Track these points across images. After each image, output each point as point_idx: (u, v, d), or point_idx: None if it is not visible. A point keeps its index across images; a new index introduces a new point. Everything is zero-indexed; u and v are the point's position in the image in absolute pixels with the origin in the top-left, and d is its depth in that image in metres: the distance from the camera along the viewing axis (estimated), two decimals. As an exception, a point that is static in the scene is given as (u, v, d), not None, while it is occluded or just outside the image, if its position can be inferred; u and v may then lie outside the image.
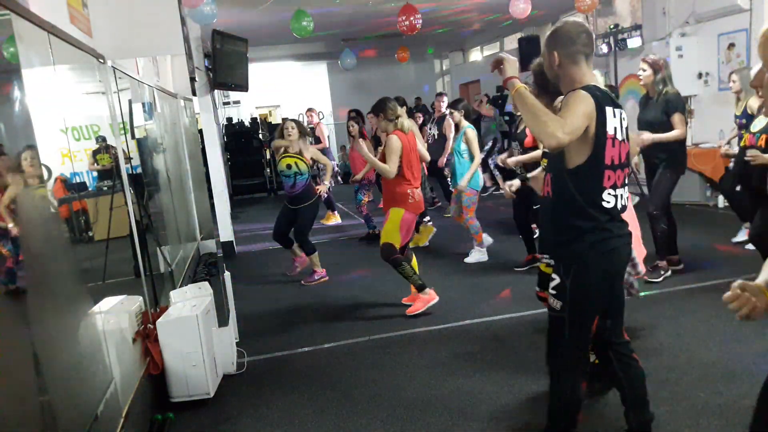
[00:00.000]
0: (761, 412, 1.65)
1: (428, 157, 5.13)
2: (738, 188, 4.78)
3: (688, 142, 7.88)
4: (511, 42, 13.30)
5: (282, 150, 5.66)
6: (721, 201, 7.11)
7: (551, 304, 2.29)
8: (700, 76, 7.78)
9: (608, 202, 2.21)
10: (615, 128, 2.19)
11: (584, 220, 2.21)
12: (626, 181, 2.30)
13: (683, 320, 3.97)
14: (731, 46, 7.34)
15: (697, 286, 4.56)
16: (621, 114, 2.24)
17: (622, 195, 2.26)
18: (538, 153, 3.75)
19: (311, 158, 5.68)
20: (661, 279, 4.69)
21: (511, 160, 4.42)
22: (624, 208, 2.29)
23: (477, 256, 5.95)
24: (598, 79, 3.95)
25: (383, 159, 4.51)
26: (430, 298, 4.57)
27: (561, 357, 2.34)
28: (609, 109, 2.18)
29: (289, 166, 5.58)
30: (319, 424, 3.12)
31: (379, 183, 6.71)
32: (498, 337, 4.01)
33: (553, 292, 2.28)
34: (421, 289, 4.56)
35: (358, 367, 3.76)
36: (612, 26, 9.14)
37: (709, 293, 4.38)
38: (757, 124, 4.37)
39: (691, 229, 6.09)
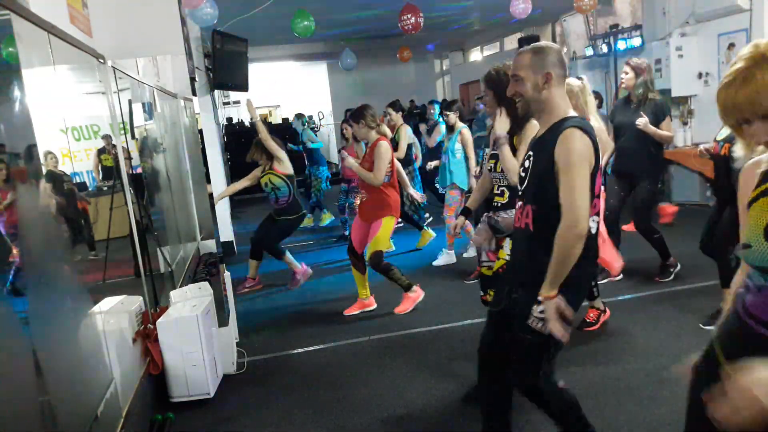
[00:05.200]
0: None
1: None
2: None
3: (688, 142, 7.91)
4: (511, 42, 13.30)
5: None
6: (721, 201, 7.11)
7: (537, 328, 2.18)
8: (700, 76, 7.78)
9: (593, 228, 2.18)
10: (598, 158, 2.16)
11: (588, 245, 2.15)
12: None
13: (683, 320, 3.97)
14: (731, 46, 7.34)
15: (697, 287, 4.56)
16: None
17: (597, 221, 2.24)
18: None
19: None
20: (671, 277, 4.78)
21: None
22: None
23: (445, 258, 5.99)
24: (574, 84, 3.86)
25: (371, 167, 4.45)
26: (417, 295, 4.70)
27: (541, 374, 2.29)
28: (596, 141, 2.13)
29: (265, 184, 5.43)
30: (319, 424, 3.12)
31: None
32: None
33: (541, 316, 2.16)
34: (408, 288, 4.66)
35: (358, 367, 3.76)
36: (612, 26, 9.14)
37: (709, 293, 4.38)
38: (722, 132, 3.96)
39: (690, 229, 6.08)
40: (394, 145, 5.95)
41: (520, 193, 2.32)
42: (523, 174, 2.32)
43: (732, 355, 1.47)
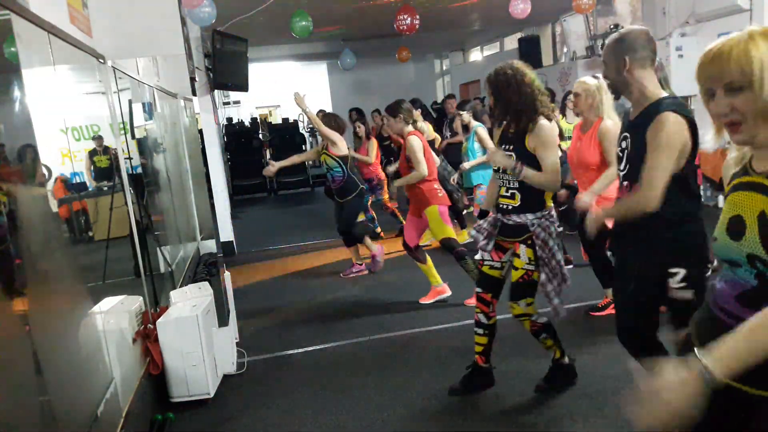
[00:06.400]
0: None
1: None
2: None
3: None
4: (512, 42, 13.29)
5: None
6: (721, 201, 7.12)
7: (683, 297, 2.30)
8: (700, 76, 7.77)
9: (701, 195, 2.44)
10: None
11: (691, 214, 2.34)
12: None
13: (683, 320, 3.97)
14: (731, 46, 7.34)
15: (697, 286, 4.55)
16: None
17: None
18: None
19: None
20: None
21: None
22: None
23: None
24: (590, 83, 3.91)
25: (407, 163, 4.54)
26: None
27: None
28: (692, 118, 2.29)
29: (322, 164, 5.73)
30: (319, 424, 3.12)
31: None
32: (498, 337, 3.99)
33: (683, 284, 2.30)
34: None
35: (358, 367, 3.76)
36: (612, 26, 9.14)
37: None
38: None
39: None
40: None
41: (623, 173, 2.46)
42: (620, 154, 2.48)
43: (704, 344, 1.49)
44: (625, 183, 2.44)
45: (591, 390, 3.16)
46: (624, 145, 2.45)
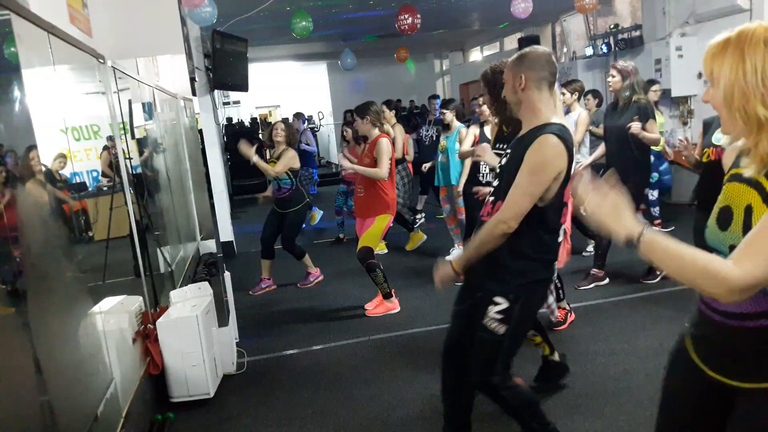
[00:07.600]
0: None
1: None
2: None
3: (688, 142, 7.90)
4: (511, 42, 13.29)
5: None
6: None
7: (494, 329, 2.24)
8: (700, 76, 7.77)
9: (559, 236, 2.33)
10: (573, 167, 2.21)
11: (542, 252, 2.25)
12: None
13: (683, 320, 3.95)
14: (731, 46, 7.33)
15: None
16: None
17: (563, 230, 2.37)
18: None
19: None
20: (656, 280, 4.80)
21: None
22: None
23: (457, 254, 6.00)
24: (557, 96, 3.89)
25: (372, 163, 4.51)
26: (392, 306, 4.70)
27: (495, 371, 2.32)
28: (572, 150, 2.19)
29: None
30: (319, 424, 3.12)
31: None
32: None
33: (499, 317, 2.22)
34: (387, 297, 4.68)
35: (358, 367, 3.76)
36: (612, 26, 9.14)
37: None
38: (718, 136, 3.60)
39: (690, 228, 6.07)
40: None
41: (494, 188, 2.36)
42: (499, 170, 2.38)
43: (699, 345, 1.55)
44: (491, 199, 2.31)
45: (591, 391, 3.16)
46: (503, 162, 2.34)
